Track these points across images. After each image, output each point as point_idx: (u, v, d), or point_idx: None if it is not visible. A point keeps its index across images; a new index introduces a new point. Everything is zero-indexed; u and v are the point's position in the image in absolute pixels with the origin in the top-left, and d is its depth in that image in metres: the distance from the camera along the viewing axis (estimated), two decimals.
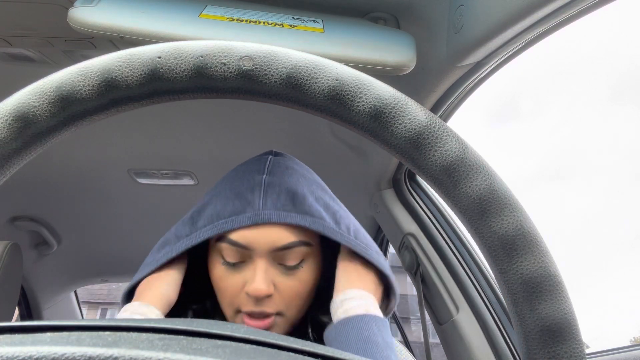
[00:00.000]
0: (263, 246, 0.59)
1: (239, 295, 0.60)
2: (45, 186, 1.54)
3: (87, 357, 0.16)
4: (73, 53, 0.94)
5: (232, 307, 0.61)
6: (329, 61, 0.27)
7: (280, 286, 0.60)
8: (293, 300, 0.61)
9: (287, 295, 0.60)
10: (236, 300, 0.60)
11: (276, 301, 0.60)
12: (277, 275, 0.60)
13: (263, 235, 0.59)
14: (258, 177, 0.63)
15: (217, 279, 0.62)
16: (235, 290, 0.60)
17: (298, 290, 0.61)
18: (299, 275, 0.61)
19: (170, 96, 0.27)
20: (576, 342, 0.24)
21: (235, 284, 0.61)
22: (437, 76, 0.89)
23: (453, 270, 1.22)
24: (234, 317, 0.62)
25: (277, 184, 0.62)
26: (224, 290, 0.62)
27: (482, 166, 0.25)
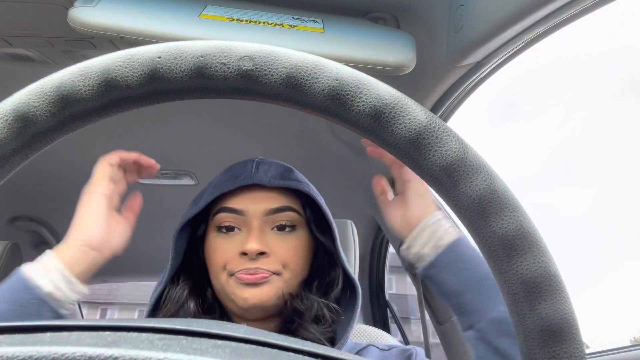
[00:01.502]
0: (256, 209, 0.65)
1: (234, 258, 0.63)
2: (45, 186, 1.54)
3: (87, 357, 0.16)
4: (73, 53, 0.94)
5: (226, 271, 0.64)
6: (329, 61, 0.27)
7: (274, 247, 0.64)
8: (288, 261, 0.64)
9: (282, 255, 0.64)
10: (230, 263, 0.63)
11: (271, 261, 0.63)
12: (270, 237, 0.65)
13: (256, 199, 0.65)
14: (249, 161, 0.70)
15: (212, 248, 0.66)
16: (229, 254, 0.64)
17: (292, 251, 0.65)
18: (291, 239, 0.66)
19: (170, 96, 0.27)
20: (576, 342, 0.24)
21: (230, 248, 0.64)
22: (437, 76, 0.89)
23: None
24: (227, 281, 0.64)
25: (268, 162, 0.70)
26: (218, 256, 0.64)
27: (482, 166, 0.25)
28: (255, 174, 0.66)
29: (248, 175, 0.66)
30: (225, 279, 0.64)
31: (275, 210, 0.65)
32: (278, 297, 0.63)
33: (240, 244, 0.63)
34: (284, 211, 0.66)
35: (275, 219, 0.65)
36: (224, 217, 0.65)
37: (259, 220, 0.64)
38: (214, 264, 0.65)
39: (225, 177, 0.68)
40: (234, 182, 0.66)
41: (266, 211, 0.65)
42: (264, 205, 0.65)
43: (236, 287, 0.62)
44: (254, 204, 0.65)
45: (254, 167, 0.68)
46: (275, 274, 0.63)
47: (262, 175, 0.67)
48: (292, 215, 0.66)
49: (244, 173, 0.67)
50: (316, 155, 1.39)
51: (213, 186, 0.68)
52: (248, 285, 0.62)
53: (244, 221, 0.65)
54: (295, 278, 0.66)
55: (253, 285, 0.62)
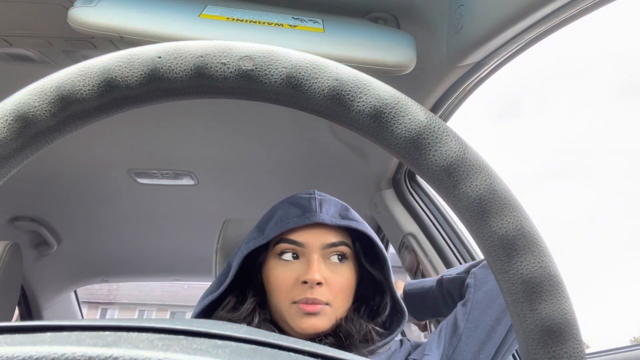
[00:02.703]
0: (316, 243, 0.74)
1: (295, 287, 0.72)
2: (45, 186, 1.54)
3: (87, 357, 0.16)
4: (73, 53, 0.94)
5: (288, 299, 0.72)
6: (329, 61, 0.27)
7: (328, 279, 0.73)
8: (338, 292, 0.73)
9: (334, 287, 0.72)
10: (291, 292, 0.72)
11: (325, 291, 0.72)
12: (325, 270, 0.73)
13: (316, 234, 0.74)
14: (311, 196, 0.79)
15: (275, 276, 0.74)
16: (291, 283, 0.72)
17: (342, 283, 0.74)
18: (342, 271, 0.74)
19: (170, 96, 0.27)
20: (576, 342, 0.24)
21: (292, 276, 0.73)
22: (437, 76, 0.89)
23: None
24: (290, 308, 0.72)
25: (327, 199, 0.79)
26: (280, 284, 0.73)
27: (482, 166, 0.25)
28: (319, 214, 0.75)
29: (313, 215, 0.75)
30: (287, 305, 0.72)
31: (332, 244, 0.74)
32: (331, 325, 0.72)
33: (299, 273, 0.72)
34: (338, 246, 0.75)
35: (332, 252, 0.75)
36: (286, 247, 0.74)
37: (318, 252, 0.73)
38: (277, 289, 0.73)
39: (292, 213, 0.76)
40: (301, 219, 0.75)
41: (324, 245, 0.74)
42: (322, 239, 0.74)
43: (297, 316, 0.71)
44: (314, 239, 0.74)
45: (317, 206, 0.77)
46: (327, 304, 0.71)
47: (324, 214, 0.76)
48: (344, 249, 0.75)
49: (309, 211, 0.76)
50: (316, 155, 1.39)
51: (279, 219, 0.76)
52: (307, 315, 0.70)
53: (303, 252, 0.74)
54: (344, 306, 0.74)
55: (311, 315, 0.70)
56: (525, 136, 72.00)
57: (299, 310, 0.71)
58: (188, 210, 1.66)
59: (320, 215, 0.75)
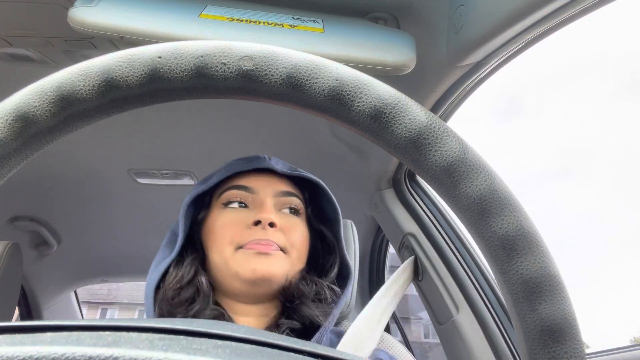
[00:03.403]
0: (268, 188, 0.67)
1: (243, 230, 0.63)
2: (45, 186, 1.54)
3: (87, 357, 0.16)
4: (73, 53, 0.94)
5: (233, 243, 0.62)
6: (329, 61, 0.27)
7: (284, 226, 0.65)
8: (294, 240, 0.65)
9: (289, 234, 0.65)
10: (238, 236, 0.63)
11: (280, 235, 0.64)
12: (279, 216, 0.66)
13: (268, 181, 0.68)
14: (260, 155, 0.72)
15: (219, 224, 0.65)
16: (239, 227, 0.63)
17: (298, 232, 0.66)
18: (297, 222, 0.68)
19: (171, 96, 0.27)
20: (576, 342, 0.24)
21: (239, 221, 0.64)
22: (437, 76, 0.89)
23: (453, 270, 1.22)
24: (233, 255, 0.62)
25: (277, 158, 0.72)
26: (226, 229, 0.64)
27: (482, 166, 0.25)
28: (268, 162, 0.69)
29: (263, 161, 0.69)
30: (230, 253, 0.62)
31: (286, 193, 0.68)
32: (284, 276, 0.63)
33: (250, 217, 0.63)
34: (291, 196, 0.69)
35: (285, 202, 0.68)
36: (233, 193, 0.66)
37: (270, 199, 0.66)
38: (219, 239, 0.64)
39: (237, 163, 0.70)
40: (247, 165, 0.68)
41: (277, 192, 0.67)
42: (276, 187, 0.68)
43: (244, 259, 0.60)
44: (266, 184, 0.68)
45: (266, 158, 0.71)
46: (283, 251, 0.63)
47: (274, 164, 0.70)
48: (297, 201, 0.69)
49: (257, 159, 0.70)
50: (316, 155, 1.39)
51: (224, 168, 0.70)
52: (258, 254, 0.61)
53: (254, 199, 0.66)
54: (299, 261, 0.66)
55: (263, 255, 0.61)
56: (525, 135, 71.91)
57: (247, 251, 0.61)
58: None
59: (270, 162, 0.69)
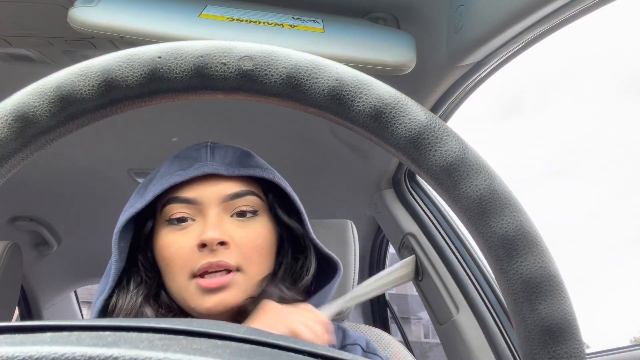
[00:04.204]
0: (212, 197, 0.58)
1: (192, 255, 0.56)
2: (45, 186, 1.54)
3: (87, 357, 0.16)
4: (73, 53, 0.94)
5: (185, 271, 0.56)
6: (329, 61, 0.27)
7: (236, 237, 0.57)
8: (251, 253, 0.57)
9: (244, 246, 0.57)
10: (189, 261, 0.56)
11: (234, 253, 0.56)
12: (231, 226, 0.58)
13: (211, 187, 0.58)
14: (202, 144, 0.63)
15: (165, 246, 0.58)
16: (186, 251, 0.56)
17: (254, 241, 0.58)
18: (253, 226, 0.59)
19: (171, 96, 0.27)
20: (576, 342, 0.24)
21: (186, 243, 0.56)
22: (437, 76, 0.89)
23: (453, 270, 1.22)
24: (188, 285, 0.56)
25: (222, 146, 0.63)
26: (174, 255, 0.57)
27: (482, 166, 0.25)
28: (211, 163, 0.59)
29: (203, 164, 0.59)
30: (184, 282, 0.56)
31: (234, 195, 0.59)
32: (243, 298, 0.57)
33: (196, 236, 0.56)
34: (243, 196, 0.59)
35: (234, 205, 0.59)
36: (174, 208, 0.58)
37: (216, 207, 0.58)
38: (170, 264, 0.57)
39: (175, 166, 0.60)
40: (186, 172, 0.58)
41: (223, 197, 0.58)
42: (220, 191, 0.58)
43: (197, 295, 0.55)
44: (209, 191, 0.58)
45: (209, 154, 0.61)
46: (238, 270, 0.56)
47: (218, 163, 0.60)
48: (253, 199, 0.60)
49: (197, 161, 0.60)
50: (316, 155, 1.39)
51: (161, 175, 0.60)
52: (209, 292, 0.55)
53: (199, 211, 0.58)
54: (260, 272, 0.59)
55: (215, 292, 0.55)
56: (525, 135, 71.89)
57: (198, 287, 0.55)
58: None
59: (213, 164, 0.59)
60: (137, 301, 0.58)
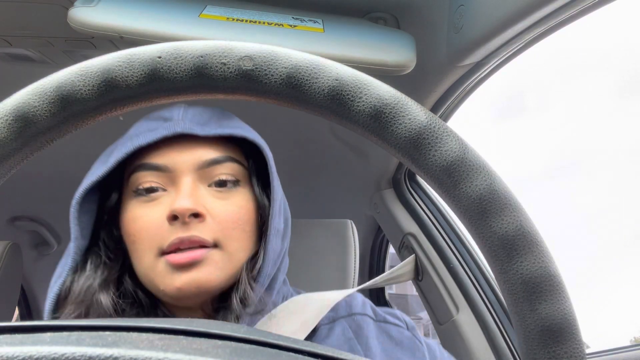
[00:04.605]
0: (186, 163, 0.50)
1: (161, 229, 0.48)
2: (45, 186, 1.54)
3: (87, 357, 0.16)
4: (73, 53, 0.94)
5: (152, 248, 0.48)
6: (329, 61, 0.27)
7: (213, 209, 0.49)
8: (230, 227, 0.50)
9: (223, 220, 0.49)
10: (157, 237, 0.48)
11: (209, 226, 0.48)
12: (207, 197, 0.50)
13: (185, 152, 0.50)
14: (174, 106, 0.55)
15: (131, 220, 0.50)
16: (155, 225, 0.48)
17: (236, 215, 0.50)
18: (234, 198, 0.51)
19: (170, 96, 0.27)
20: (576, 342, 0.24)
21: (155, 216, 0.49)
22: (437, 76, 0.89)
23: (453, 270, 1.22)
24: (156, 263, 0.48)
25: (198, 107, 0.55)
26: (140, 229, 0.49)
27: (482, 166, 0.25)
28: (182, 121, 0.51)
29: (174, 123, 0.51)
30: (151, 261, 0.48)
31: (212, 162, 0.51)
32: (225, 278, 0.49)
33: (167, 208, 0.48)
34: (223, 162, 0.52)
35: (213, 173, 0.51)
36: (142, 176, 0.50)
37: (191, 175, 0.50)
38: (136, 241, 0.49)
39: (143, 127, 0.53)
40: (154, 133, 0.50)
41: (199, 164, 0.51)
42: (196, 156, 0.51)
43: (166, 274, 0.47)
44: (183, 157, 0.50)
45: (182, 113, 0.53)
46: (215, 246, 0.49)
47: (191, 122, 0.52)
48: (234, 166, 0.52)
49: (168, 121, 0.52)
50: (316, 155, 1.39)
51: (127, 137, 0.53)
52: (180, 269, 0.47)
53: (171, 179, 0.50)
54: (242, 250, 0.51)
55: (186, 269, 0.47)
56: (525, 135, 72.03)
57: (167, 264, 0.47)
58: None
59: (186, 123, 0.51)
60: (93, 286, 0.49)
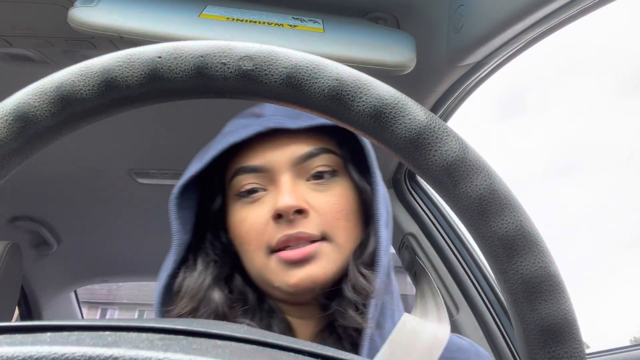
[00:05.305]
0: (282, 160, 0.51)
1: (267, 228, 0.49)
2: (45, 186, 1.54)
3: (87, 357, 0.16)
4: (73, 53, 0.94)
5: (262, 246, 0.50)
6: (329, 61, 0.27)
7: (316, 203, 0.50)
8: (336, 218, 0.50)
9: (327, 212, 0.50)
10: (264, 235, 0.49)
11: (315, 220, 0.49)
12: (308, 191, 0.51)
13: (280, 150, 0.51)
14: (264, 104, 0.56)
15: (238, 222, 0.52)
16: (261, 224, 0.50)
17: (338, 205, 0.51)
18: (333, 189, 0.52)
19: (171, 96, 0.27)
20: (576, 342, 0.24)
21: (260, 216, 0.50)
22: (437, 76, 0.89)
23: (453, 270, 1.22)
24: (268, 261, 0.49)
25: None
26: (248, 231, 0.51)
27: (482, 166, 0.25)
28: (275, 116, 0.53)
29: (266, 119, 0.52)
30: (263, 259, 0.50)
31: (307, 155, 0.51)
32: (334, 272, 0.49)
33: (270, 207, 0.50)
34: (318, 154, 0.52)
35: (310, 167, 0.52)
36: (243, 179, 0.52)
37: (288, 172, 0.51)
38: (245, 242, 0.51)
39: (236, 124, 0.54)
40: (246, 130, 0.52)
41: (295, 159, 0.51)
42: (292, 152, 0.51)
43: (279, 271, 0.48)
44: (278, 155, 0.51)
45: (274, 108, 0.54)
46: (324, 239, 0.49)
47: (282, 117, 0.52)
48: (329, 157, 0.52)
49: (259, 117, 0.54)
50: None
51: (222, 136, 0.55)
52: (293, 265, 0.48)
53: (270, 179, 0.51)
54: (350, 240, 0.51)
55: (300, 264, 0.48)
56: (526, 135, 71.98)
57: (279, 261, 0.48)
58: None
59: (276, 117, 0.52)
60: (205, 282, 0.51)
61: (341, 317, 0.49)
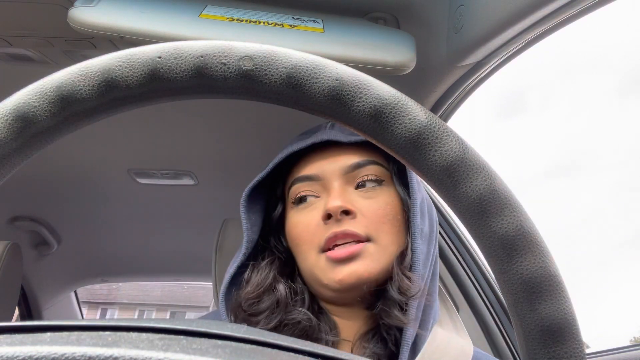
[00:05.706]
0: (333, 170, 0.58)
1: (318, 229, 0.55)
2: (45, 186, 1.54)
3: (87, 357, 0.16)
4: (73, 53, 0.94)
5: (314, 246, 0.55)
6: (329, 61, 0.27)
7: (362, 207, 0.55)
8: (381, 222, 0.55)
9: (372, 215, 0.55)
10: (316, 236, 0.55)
11: (361, 222, 0.54)
12: (355, 197, 0.56)
13: (332, 160, 0.58)
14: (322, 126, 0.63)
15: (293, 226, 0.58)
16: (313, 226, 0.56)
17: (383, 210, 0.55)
18: (379, 197, 0.57)
19: (171, 96, 0.27)
20: (576, 342, 0.24)
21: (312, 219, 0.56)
22: (437, 76, 0.89)
23: (453, 270, 1.22)
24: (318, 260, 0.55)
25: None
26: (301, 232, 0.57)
27: (482, 166, 0.25)
28: (329, 130, 0.60)
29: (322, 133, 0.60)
30: (314, 259, 0.55)
31: (356, 165, 0.58)
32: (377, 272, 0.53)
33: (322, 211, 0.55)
34: (365, 165, 0.58)
35: (357, 175, 0.58)
36: (299, 187, 0.59)
37: (339, 180, 0.57)
38: (299, 243, 0.57)
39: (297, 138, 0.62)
40: (304, 141, 0.60)
41: (345, 169, 0.58)
42: (342, 162, 0.58)
43: (327, 268, 0.53)
44: (329, 165, 0.58)
45: (329, 125, 0.61)
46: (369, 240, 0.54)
47: (336, 131, 0.59)
48: (376, 168, 0.58)
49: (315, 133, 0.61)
50: None
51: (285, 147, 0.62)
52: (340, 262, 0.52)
53: (323, 187, 0.58)
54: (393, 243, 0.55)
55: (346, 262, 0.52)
56: (526, 135, 72.04)
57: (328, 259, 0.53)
58: (188, 210, 1.66)
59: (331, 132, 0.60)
60: (270, 276, 0.57)
61: (386, 316, 0.53)
